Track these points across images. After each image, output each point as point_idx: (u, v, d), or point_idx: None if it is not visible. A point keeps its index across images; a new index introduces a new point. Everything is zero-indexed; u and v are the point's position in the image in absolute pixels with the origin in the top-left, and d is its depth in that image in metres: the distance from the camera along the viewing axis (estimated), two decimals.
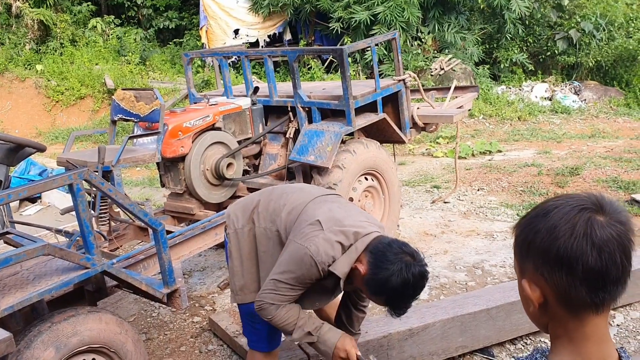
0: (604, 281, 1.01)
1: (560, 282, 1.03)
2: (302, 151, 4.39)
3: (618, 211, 1.03)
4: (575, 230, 1.01)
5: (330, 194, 2.74)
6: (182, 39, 14.21)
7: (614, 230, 1.01)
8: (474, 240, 5.19)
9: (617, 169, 6.96)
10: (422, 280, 2.32)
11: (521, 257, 1.11)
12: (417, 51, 10.96)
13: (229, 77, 4.96)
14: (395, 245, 2.34)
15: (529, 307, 1.11)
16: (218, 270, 4.90)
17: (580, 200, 1.04)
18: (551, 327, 1.11)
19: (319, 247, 2.34)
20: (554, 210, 1.05)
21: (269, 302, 2.44)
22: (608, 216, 1.02)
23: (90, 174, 2.69)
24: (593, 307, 1.04)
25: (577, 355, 1.06)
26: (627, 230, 1.02)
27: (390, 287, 2.28)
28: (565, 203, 1.05)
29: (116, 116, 4.34)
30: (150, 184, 7.62)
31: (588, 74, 11.85)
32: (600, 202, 1.04)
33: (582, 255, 1.00)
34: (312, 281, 2.43)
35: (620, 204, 1.07)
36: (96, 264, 2.76)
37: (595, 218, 1.01)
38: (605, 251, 0.99)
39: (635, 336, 3.70)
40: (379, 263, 2.30)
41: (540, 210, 1.08)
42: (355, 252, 2.38)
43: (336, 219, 2.44)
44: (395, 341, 3.22)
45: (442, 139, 9.01)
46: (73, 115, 11.93)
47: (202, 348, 3.82)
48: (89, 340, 2.78)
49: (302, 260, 2.36)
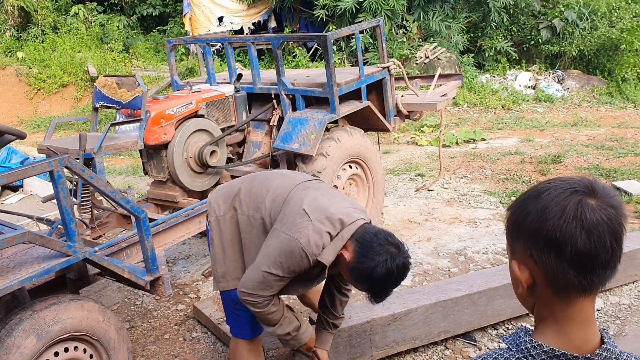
0: (593, 264, 1.02)
1: (548, 263, 1.03)
2: (286, 139, 4.38)
3: (610, 195, 1.04)
4: (565, 212, 1.01)
5: (312, 179, 2.74)
6: (166, 27, 14.07)
7: (605, 213, 1.01)
8: (457, 228, 5.23)
9: (599, 156, 7.04)
10: (404, 272, 2.38)
11: (512, 238, 1.12)
12: (402, 39, 10.95)
13: (212, 65, 4.92)
14: (382, 236, 2.38)
15: (517, 288, 1.12)
16: (202, 258, 4.89)
17: (573, 184, 1.05)
18: (537, 309, 1.12)
19: (309, 239, 2.35)
20: (546, 192, 1.05)
21: (258, 293, 2.44)
22: (600, 200, 1.02)
23: (71, 161, 2.67)
24: (580, 289, 1.04)
25: (561, 336, 1.07)
26: (618, 214, 1.03)
27: (374, 277, 2.33)
28: (557, 185, 1.05)
29: (98, 103, 4.30)
30: (134, 172, 7.57)
31: (571, 63, 11.93)
32: (592, 186, 1.04)
33: (571, 237, 1.00)
34: (300, 272, 2.45)
35: (613, 189, 1.07)
36: (77, 251, 2.74)
37: (586, 201, 1.02)
38: (594, 234, 1.00)
39: (614, 320, 3.76)
40: (364, 253, 2.34)
41: (532, 192, 1.09)
42: (341, 240, 2.40)
43: (322, 207, 2.44)
44: (378, 326, 3.24)
45: (426, 127, 9.04)
46: (55, 103, 11.79)
47: (186, 335, 3.82)
48: (71, 328, 2.76)
49: (292, 252, 2.37)
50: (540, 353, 1.05)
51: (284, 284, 2.48)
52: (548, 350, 1.05)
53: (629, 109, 10.12)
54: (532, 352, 1.06)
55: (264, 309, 2.47)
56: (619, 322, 3.74)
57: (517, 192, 5.97)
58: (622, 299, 3.96)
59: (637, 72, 11.32)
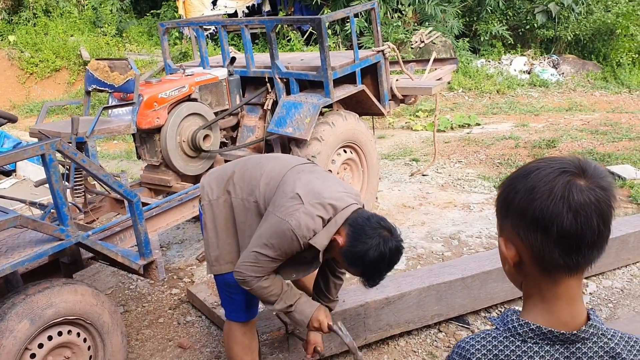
0: (579, 244, 1.02)
1: (535, 242, 1.04)
2: (280, 123, 4.36)
3: (600, 176, 1.03)
4: (553, 192, 1.01)
5: (306, 162, 2.74)
6: (160, 10, 13.94)
7: (593, 194, 1.00)
8: (451, 212, 5.24)
9: (593, 141, 7.05)
10: (397, 255, 2.39)
11: (501, 216, 1.12)
12: (397, 23, 10.88)
13: (205, 48, 4.88)
14: (374, 220, 2.39)
15: (505, 265, 1.13)
16: (196, 243, 4.89)
17: (563, 164, 1.04)
18: (525, 286, 1.12)
19: (300, 222, 2.36)
20: (535, 172, 1.05)
21: (250, 274, 2.46)
22: (589, 180, 1.02)
23: (62, 144, 2.65)
24: (566, 269, 1.05)
25: (548, 313, 1.08)
26: (607, 195, 1.02)
27: (367, 260, 2.35)
28: (548, 165, 1.05)
29: (90, 87, 4.26)
30: (128, 156, 7.54)
31: (566, 48, 11.89)
32: (583, 166, 1.03)
33: (558, 217, 1.00)
34: (292, 254, 2.46)
35: (605, 170, 1.06)
36: (70, 235, 2.73)
37: (575, 182, 1.01)
38: (581, 215, 0.99)
39: (606, 304, 3.79)
40: (357, 236, 2.36)
41: (522, 171, 1.09)
42: (334, 226, 2.41)
43: (315, 191, 2.44)
44: (372, 310, 3.25)
45: (421, 112, 9.02)
46: (48, 87, 11.69)
47: (181, 320, 3.82)
48: (65, 312, 2.76)
49: (283, 234, 2.38)
50: (527, 331, 1.06)
51: (276, 265, 2.49)
52: (535, 328, 1.06)
53: (624, 93, 10.12)
54: (519, 330, 1.07)
55: (254, 285, 2.48)
56: (612, 305, 3.77)
57: None
58: (614, 283, 3.98)
59: (632, 57, 11.30)
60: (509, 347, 1.06)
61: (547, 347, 1.05)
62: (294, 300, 2.58)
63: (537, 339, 1.06)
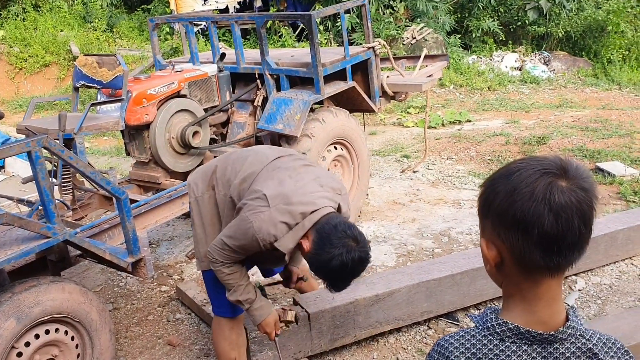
0: (559, 246, 1.01)
1: (515, 243, 1.03)
2: (271, 120, 4.35)
3: (582, 177, 1.03)
4: (534, 194, 1.00)
5: (285, 155, 2.71)
6: (150, 6, 13.85)
7: (574, 196, 1.00)
8: (441, 209, 5.25)
9: (583, 138, 7.07)
10: (361, 265, 2.39)
11: (482, 216, 1.12)
12: (389, 20, 10.87)
13: (195, 44, 4.85)
14: (341, 228, 2.36)
15: (486, 265, 1.13)
16: (186, 240, 4.87)
17: (545, 164, 1.04)
18: (505, 286, 1.13)
19: (262, 226, 2.37)
20: (517, 173, 1.05)
21: (216, 257, 2.53)
22: (570, 182, 1.01)
23: (49, 141, 2.63)
24: (547, 270, 1.05)
25: (528, 313, 1.08)
26: (588, 196, 1.02)
27: (330, 269, 2.36)
28: (529, 166, 1.04)
29: (78, 83, 4.23)
30: (118, 153, 7.50)
31: (557, 45, 11.92)
32: (565, 167, 1.03)
33: (539, 219, 1.00)
34: (253, 251, 2.49)
35: (586, 170, 1.06)
36: (57, 232, 2.71)
37: (557, 183, 1.01)
38: (562, 216, 0.99)
39: (595, 300, 3.80)
40: (322, 245, 2.36)
41: (504, 171, 1.08)
42: (302, 230, 2.41)
43: (284, 194, 2.42)
44: (361, 307, 3.25)
45: (412, 108, 9.03)
46: (38, 83, 11.60)
47: (170, 317, 3.81)
48: (52, 310, 2.75)
49: (246, 232, 2.41)
50: (506, 330, 1.06)
51: (240, 257, 2.54)
52: (513, 328, 1.06)
53: (614, 90, 10.16)
54: (497, 330, 1.07)
55: (217, 268, 2.55)
56: (600, 302, 3.78)
57: None
58: (603, 279, 4.00)
59: (622, 54, 11.35)
60: (487, 346, 1.07)
61: (525, 347, 1.06)
62: (245, 299, 2.60)
63: (515, 339, 1.06)
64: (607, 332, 1.15)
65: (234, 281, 2.57)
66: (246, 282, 2.62)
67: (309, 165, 2.70)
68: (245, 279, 2.62)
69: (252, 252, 2.52)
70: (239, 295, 2.59)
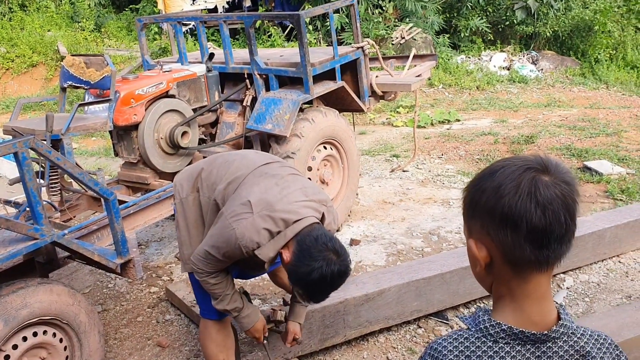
0: (548, 239, 1.03)
1: (505, 240, 1.04)
2: (260, 119, 4.34)
3: (563, 172, 1.05)
4: (519, 189, 1.02)
5: (273, 162, 2.69)
6: (138, 5, 13.77)
7: (559, 189, 1.02)
8: (430, 208, 5.27)
9: (571, 137, 7.12)
10: (340, 279, 2.37)
11: (469, 217, 1.12)
12: (378, 20, 10.88)
13: (183, 44, 4.83)
14: (321, 241, 2.34)
15: (475, 267, 1.13)
16: (175, 241, 4.84)
17: (527, 161, 1.06)
18: (495, 287, 1.13)
19: (244, 232, 2.35)
20: (500, 170, 1.06)
21: (200, 267, 2.51)
22: (553, 176, 1.03)
23: (36, 142, 2.61)
24: (537, 264, 1.06)
25: (519, 312, 1.09)
26: (571, 190, 1.04)
27: (309, 281, 2.33)
28: (512, 163, 1.06)
29: (66, 83, 4.20)
30: (106, 153, 7.45)
31: (545, 44, 11.99)
32: (545, 163, 1.05)
33: (526, 213, 1.01)
34: (236, 258, 2.47)
35: (565, 166, 1.08)
36: (45, 234, 2.69)
37: (540, 177, 1.03)
38: (549, 209, 1.01)
39: (583, 298, 3.83)
40: (302, 257, 2.33)
41: (488, 170, 1.10)
42: (283, 239, 2.39)
43: (268, 201, 2.40)
44: (351, 307, 3.26)
45: (402, 108, 9.05)
46: (25, 83, 11.50)
47: (159, 318, 3.80)
48: (40, 312, 2.73)
49: (228, 240, 2.39)
50: (499, 332, 1.07)
51: (224, 265, 2.52)
52: (506, 329, 1.06)
53: (602, 89, 10.23)
54: (490, 331, 1.07)
55: (203, 278, 2.54)
56: (588, 299, 3.81)
57: None
58: (591, 277, 4.03)
59: (609, 53, 11.44)
60: (481, 348, 1.07)
61: (519, 347, 1.06)
62: (232, 307, 2.60)
63: (508, 339, 1.06)
64: (595, 329, 1.16)
65: (221, 290, 2.56)
66: (232, 291, 2.60)
67: (296, 174, 2.67)
68: (231, 288, 2.60)
69: (236, 259, 2.50)
70: (226, 305, 2.59)
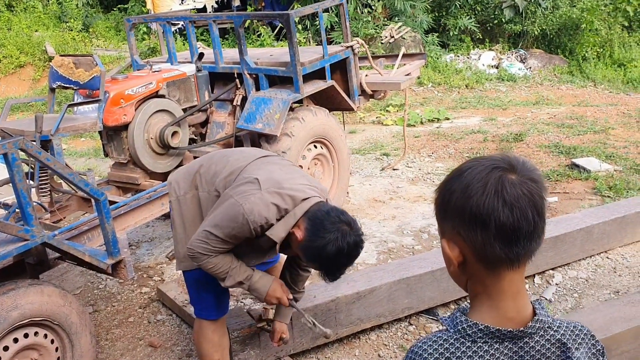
0: (517, 237, 1.05)
1: (475, 239, 1.06)
2: (250, 119, 4.34)
3: (530, 169, 1.07)
4: (486, 188, 1.04)
5: (273, 155, 2.74)
6: (127, 5, 13.71)
7: (526, 187, 1.04)
8: (421, 206, 5.29)
9: (559, 134, 7.18)
10: (356, 249, 2.38)
11: (440, 218, 1.14)
12: (367, 19, 10.90)
13: (173, 44, 4.83)
14: (333, 214, 2.37)
15: (449, 267, 1.15)
16: (166, 241, 4.84)
17: (494, 161, 1.08)
18: (470, 285, 1.15)
19: (253, 207, 2.33)
20: (468, 171, 1.08)
21: (199, 251, 2.44)
22: (520, 174, 1.05)
23: (26, 143, 2.60)
24: (508, 262, 1.07)
25: (495, 310, 1.11)
26: (538, 187, 1.06)
27: (325, 255, 2.32)
28: (479, 164, 1.08)
29: (55, 84, 4.18)
30: (96, 154, 7.42)
31: (534, 43, 12.06)
32: (512, 162, 1.07)
33: (494, 212, 1.03)
34: (242, 238, 2.43)
35: (532, 164, 1.10)
36: (35, 235, 2.68)
37: (507, 176, 1.05)
38: (516, 207, 1.03)
39: (572, 294, 3.87)
40: (316, 231, 2.33)
41: (456, 171, 1.12)
42: (293, 218, 2.39)
43: (275, 180, 2.43)
44: (343, 305, 3.27)
45: (392, 107, 9.07)
46: (12, 84, 11.41)
47: (151, 318, 3.79)
48: (31, 313, 2.72)
49: (235, 217, 2.35)
50: (477, 332, 1.09)
51: (227, 247, 2.45)
52: (483, 328, 1.08)
53: (589, 87, 10.31)
54: (468, 332, 1.09)
55: (202, 262, 2.46)
56: (577, 295, 3.85)
57: None
58: (579, 273, 4.07)
59: (596, 52, 11.52)
60: (460, 349, 1.09)
61: (497, 345, 1.08)
62: (243, 277, 2.52)
63: (486, 338, 1.08)
64: (584, 325, 1.19)
65: (225, 268, 2.48)
66: (238, 263, 2.53)
67: (295, 166, 2.73)
68: (235, 261, 2.52)
69: (240, 242, 2.44)
70: (237, 278, 2.51)
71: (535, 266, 3.96)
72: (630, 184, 5.44)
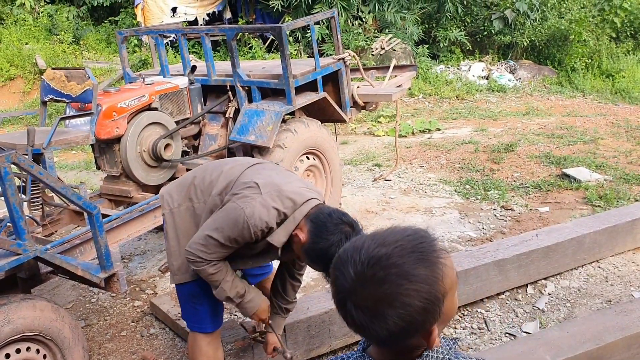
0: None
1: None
2: (243, 131, 4.35)
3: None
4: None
5: (266, 162, 2.77)
6: (118, 17, 13.72)
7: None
8: (413, 217, 5.31)
9: (550, 144, 7.23)
10: None
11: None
12: (357, 31, 10.98)
13: (165, 56, 4.84)
14: (336, 216, 2.38)
15: None
16: (159, 254, 4.83)
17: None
18: None
19: (254, 211, 2.34)
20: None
21: (199, 255, 2.44)
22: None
23: (18, 156, 2.59)
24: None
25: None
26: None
27: (329, 257, 2.31)
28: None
29: (47, 97, 4.17)
30: (87, 167, 7.39)
31: (523, 53, 12.19)
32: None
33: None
34: (242, 243, 2.43)
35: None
36: (28, 249, 2.67)
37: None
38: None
39: (564, 304, 3.89)
40: (319, 233, 2.34)
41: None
42: (293, 222, 2.40)
43: (275, 183, 2.45)
44: (336, 316, 3.25)
45: (383, 118, 9.12)
46: (3, 97, 11.37)
47: (144, 332, 3.77)
48: (23, 328, 2.70)
49: (236, 221, 2.36)
50: None
51: (226, 252, 2.46)
52: None
53: (578, 97, 10.42)
54: None
55: (200, 267, 2.46)
56: (569, 304, 3.87)
57: (471, 180, 6.09)
58: (572, 283, 4.09)
59: (585, 62, 11.65)
60: None
61: None
62: (234, 294, 2.55)
63: None
64: (577, 334, 1.21)
65: (221, 277, 2.49)
66: (232, 277, 2.55)
67: (290, 171, 2.76)
68: (231, 274, 2.54)
69: (239, 247, 2.45)
70: (228, 292, 2.53)
71: (528, 276, 3.97)
72: (620, 193, 5.48)
